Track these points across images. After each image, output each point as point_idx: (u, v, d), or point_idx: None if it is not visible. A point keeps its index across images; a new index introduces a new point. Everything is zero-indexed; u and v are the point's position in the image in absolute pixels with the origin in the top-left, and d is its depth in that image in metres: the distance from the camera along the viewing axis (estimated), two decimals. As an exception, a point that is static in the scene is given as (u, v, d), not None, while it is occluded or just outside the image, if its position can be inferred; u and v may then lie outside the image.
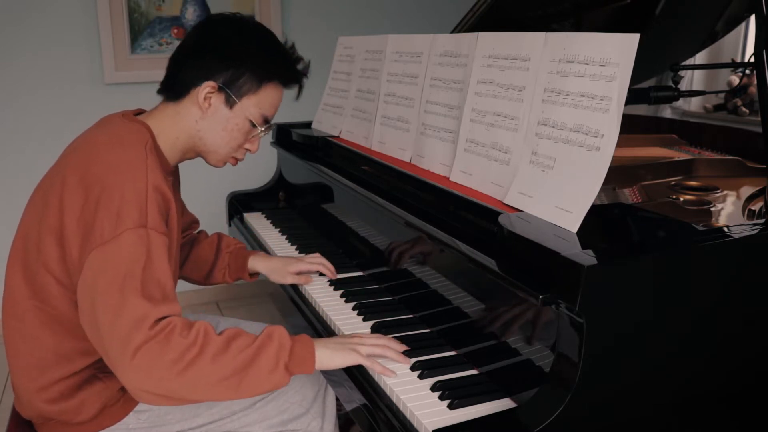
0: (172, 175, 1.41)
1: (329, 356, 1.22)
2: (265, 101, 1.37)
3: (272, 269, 1.69)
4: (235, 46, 1.34)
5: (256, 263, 1.70)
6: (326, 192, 1.93)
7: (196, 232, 1.77)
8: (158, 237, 1.18)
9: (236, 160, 1.44)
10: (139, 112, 1.40)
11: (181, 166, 1.49)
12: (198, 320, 1.18)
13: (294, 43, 1.46)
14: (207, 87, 1.31)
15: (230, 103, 1.33)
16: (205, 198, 3.06)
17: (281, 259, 1.72)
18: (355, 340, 1.26)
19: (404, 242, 1.49)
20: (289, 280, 1.66)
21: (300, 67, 1.47)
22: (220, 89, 1.32)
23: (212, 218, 2.59)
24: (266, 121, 1.40)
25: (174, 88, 1.34)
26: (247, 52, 1.34)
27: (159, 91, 1.39)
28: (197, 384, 1.12)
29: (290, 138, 2.15)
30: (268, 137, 2.37)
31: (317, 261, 1.67)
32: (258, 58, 1.34)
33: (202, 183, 3.13)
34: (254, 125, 1.37)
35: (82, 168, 1.23)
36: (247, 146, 1.41)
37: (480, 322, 1.23)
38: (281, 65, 1.40)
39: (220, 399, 1.20)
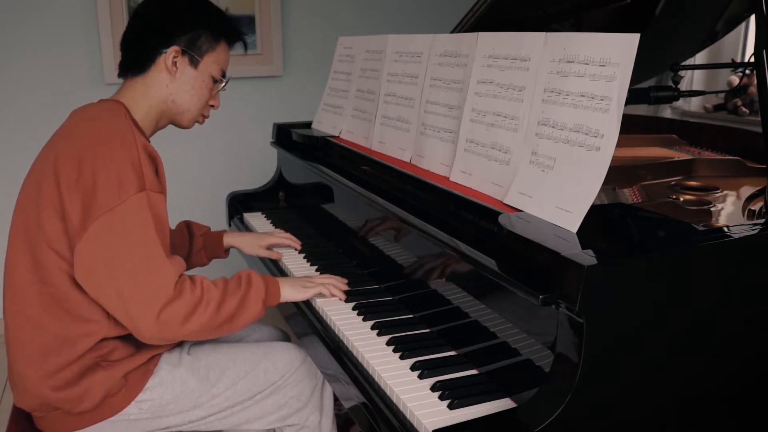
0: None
1: (288, 291, 1.47)
2: (221, 57, 1.49)
3: (246, 243, 1.85)
4: (189, 11, 1.46)
5: (231, 239, 1.86)
6: (326, 192, 1.93)
7: None
8: (157, 196, 1.29)
9: (203, 118, 1.56)
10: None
11: (180, 167, 1.52)
12: (195, 275, 1.34)
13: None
14: (172, 52, 1.42)
15: (194, 64, 1.45)
16: (205, 198, 3.07)
17: (254, 234, 1.89)
18: (308, 280, 1.52)
19: (404, 242, 1.49)
20: (262, 253, 1.83)
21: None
22: (183, 52, 1.43)
23: (212, 218, 2.59)
24: (224, 75, 1.52)
25: (138, 62, 1.44)
26: (201, 15, 1.47)
27: (121, 74, 1.47)
28: (202, 329, 1.29)
29: (290, 138, 2.15)
30: (268, 137, 2.38)
31: (285, 235, 1.86)
32: (211, 19, 1.47)
33: (202, 183, 3.14)
34: (216, 81, 1.50)
35: (70, 143, 1.32)
36: (211, 102, 1.54)
37: (480, 322, 1.23)
38: (228, 24, 1.52)
39: (217, 336, 1.36)
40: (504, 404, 1.10)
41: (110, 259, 1.24)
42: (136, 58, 1.44)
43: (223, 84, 1.52)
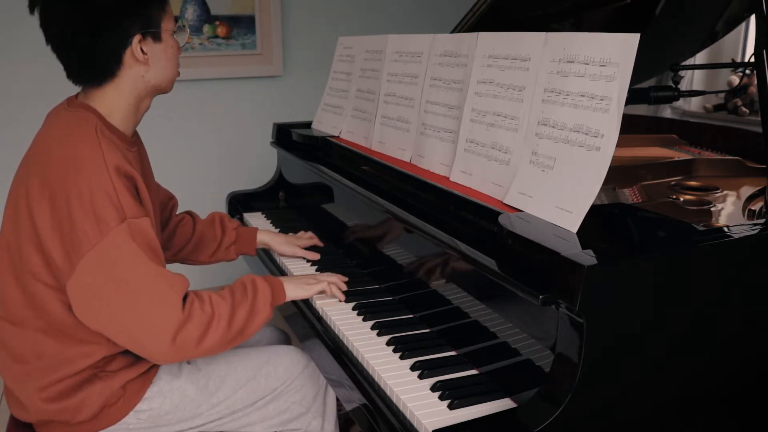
0: (135, 145, 1.41)
1: (293, 289, 1.45)
2: (169, 11, 1.37)
3: (280, 241, 1.82)
4: None
5: (264, 236, 1.83)
6: (326, 192, 1.93)
7: (182, 212, 1.81)
8: (140, 222, 1.23)
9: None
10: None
11: (180, 167, 1.50)
12: (200, 291, 1.30)
13: None
14: (137, 43, 1.30)
15: (157, 38, 1.33)
16: (205, 198, 3.06)
17: (286, 235, 1.87)
18: (311, 278, 1.51)
19: (404, 242, 1.49)
20: (299, 252, 1.80)
21: None
22: (144, 35, 1.31)
23: (212, 218, 2.59)
24: (176, 21, 1.40)
25: (103, 70, 1.30)
26: None
27: (79, 81, 1.34)
28: (216, 345, 1.28)
29: (290, 138, 2.15)
30: (268, 137, 2.38)
31: (308, 236, 1.86)
32: None
33: (202, 183, 3.14)
34: (174, 32, 1.39)
35: (40, 173, 1.25)
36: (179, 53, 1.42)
37: (480, 322, 1.22)
38: None
39: (232, 347, 1.34)
40: (504, 404, 1.10)
41: (106, 297, 1.20)
42: (97, 67, 1.30)
43: (186, 33, 1.43)
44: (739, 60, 2.94)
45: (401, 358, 1.27)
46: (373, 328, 1.39)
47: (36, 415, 1.32)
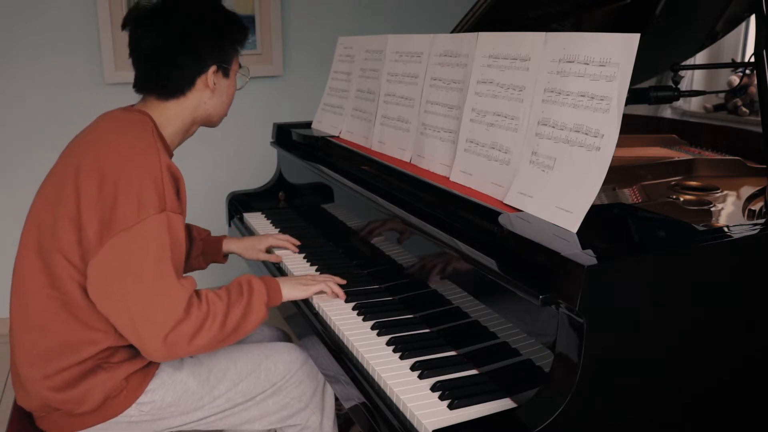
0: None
1: (289, 290, 1.47)
2: (239, 57, 1.51)
3: (245, 248, 1.85)
4: (215, 27, 1.43)
5: (230, 244, 1.86)
6: (326, 192, 1.93)
7: None
8: (176, 217, 1.29)
9: None
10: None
11: (179, 167, 1.51)
12: (199, 289, 1.32)
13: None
14: (212, 73, 1.43)
15: (227, 74, 1.47)
16: (205, 198, 3.06)
17: (252, 238, 1.88)
18: (308, 278, 1.53)
19: (404, 243, 1.49)
20: (262, 257, 1.83)
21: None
22: (218, 68, 1.44)
23: (212, 218, 2.59)
24: (240, 66, 1.54)
25: (173, 88, 1.41)
26: (225, 28, 1.46)
27: (145, 91, 1.44)
28: (209, 344, 1.29)
29: (290, 138, 2.15)
30: (268, 137, 2.38)
31: (283, 238, 1.86)
32: (231, 28, 1.47)
33: (202, 183, 3.14)
34: (237, 75, 1.52)
35: (94, 156, 1.30)
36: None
37: (480, 322, 1.23)
38: (241, 25, 1.50)
39: (225, 346, 1.36)
40: (504, 404, 1.10)
41: (124, 278, 1.23)
42: (171, 83, 1.41)
43: (247, 78, 1.55)
44: (739, 60, 2.93)
45: (401, 358, 1.27)
46: (373, 328, 1.39)
47: (40, 402, 1.34)
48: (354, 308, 1.48)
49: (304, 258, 1.81)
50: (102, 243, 1.23)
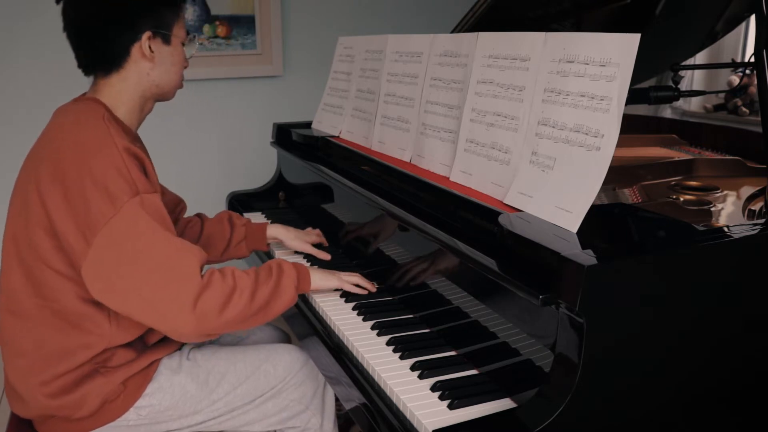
0: (139, 142, 1.46)
1: (319, 279, 1.48)
2: (183, 20, 1.44)
3: (290, 235, 1.81)
4: None
5: (274, 230, 1.82)
6: (326, 192, 1.93)
7: (193, 215, 1.82)
8: (151, 197, 1.26)
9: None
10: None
11: (180, 166, 1.51)
12: (224, 267, 1.31)
13: None
14: (146, 39, 1.36)
15: (167, 40, 1.40)
16: (205, 198, 3.06)
17: (296, 230, 1.84)
18: (336, 273, 1.53)
19: (404, 242, 1.49)
20: (307, 248, 1.78)
21: None
22: (155, 34, 1.37)
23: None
24: (188, 32, 1.47)
25: (110, 60, 1.37)
26: None
27: (89, 72, 1.41)
28: (239, 318, 1.27)
29: (290, 138, 2.15)
30: (268, 137, 2.38)
31: (316, 233, 1.84)
32: None
33: (202, 183, 3.14)
34: (184, 44, 1.45)
35: (51, 160, 1.28)
36: (185, 65, 1.48)
37: (480, 322, 1.23)
38: None
39: (254, 325, 1.33)
40: (504, 404, 1.10)
41: (125, 271, 1.21)
42: (106, 56, 1.36)
43: (195, 46, 1.49)
44: (739, 60, 2.93)
45: (401, 358, 1.27)
46: (373, 328, 1.39)
47: (37, 411, 1.33)
48: (354, 308, 1.48)
49: (304, 258, 1.81)
50: (89, 244, 1.21)
